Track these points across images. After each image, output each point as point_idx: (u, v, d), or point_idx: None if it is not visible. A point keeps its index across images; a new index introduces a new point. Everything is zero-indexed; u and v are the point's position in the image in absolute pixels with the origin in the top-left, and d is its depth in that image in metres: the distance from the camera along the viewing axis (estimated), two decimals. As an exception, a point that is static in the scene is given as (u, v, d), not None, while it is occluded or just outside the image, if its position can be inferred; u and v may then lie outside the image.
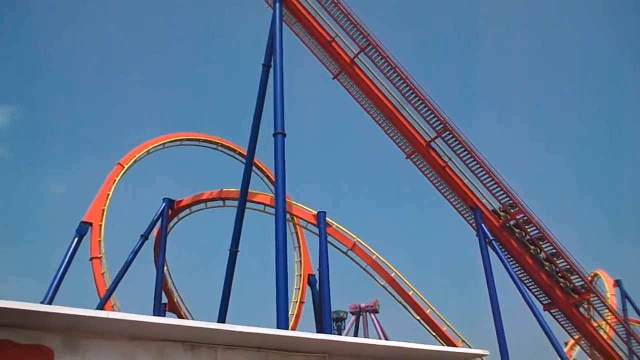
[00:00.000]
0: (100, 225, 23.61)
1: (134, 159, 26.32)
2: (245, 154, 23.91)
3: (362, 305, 60.74)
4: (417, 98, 22.66)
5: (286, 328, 14.49)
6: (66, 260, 21.46)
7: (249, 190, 23.36)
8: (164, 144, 27.86)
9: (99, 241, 23.30)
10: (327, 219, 22.56)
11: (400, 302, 22.63)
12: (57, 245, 22.01)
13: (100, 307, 21.96)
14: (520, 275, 23.41)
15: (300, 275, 29.05)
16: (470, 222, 23.91)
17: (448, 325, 22.41)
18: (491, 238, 22.47)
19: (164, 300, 26.82)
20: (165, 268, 26.86)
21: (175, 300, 28.57)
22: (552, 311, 23.99)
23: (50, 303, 19.72)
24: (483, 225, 22.81)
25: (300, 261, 29.36)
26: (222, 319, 22.40)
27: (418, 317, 22.45)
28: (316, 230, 22.44)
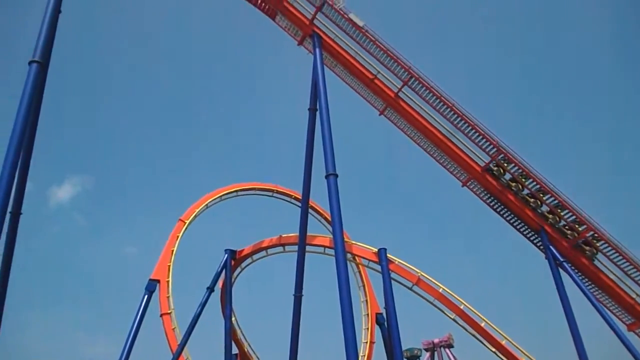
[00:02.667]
0: (168, 282, 24.25)
1: (194, 214, 27.16)
2: (301, 197, 24.13)
3: (436, 340, 58.89)
4: (466, 124, 22.42)
5: (357, 370, 14.22)
6: (138, 318, 22.05)
7: (308, 234, 23.45)
8: (221, 196, 28.68)
9: (168, 297, 23.89)
10: (388, 255, 22.34)
11: (472, 335, 21.83)
12: (132, 304, 22.67)
13: (174, 362, 22.33)
14: (597, 295, 22.20)
15: (368, 314, 28.67)
16: (538, 244, 23.04)
17: (526, 355, 21.40)
18: (561, 259, 21.51)
19: (235, 350, 27.01)
20: (233, 318, 27.17)
21: (246, 350, 28.69)
22: (637, 331, 22.52)
23: (125, 362, 20.25)
24: (551, 247, 21.91)
25: (367, 300, 29.02)
26: (292, 365, 22.28)
27: (494, 349, 21.55)
28: (379, 267, 22.21)
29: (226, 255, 26.06)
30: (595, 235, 22.22)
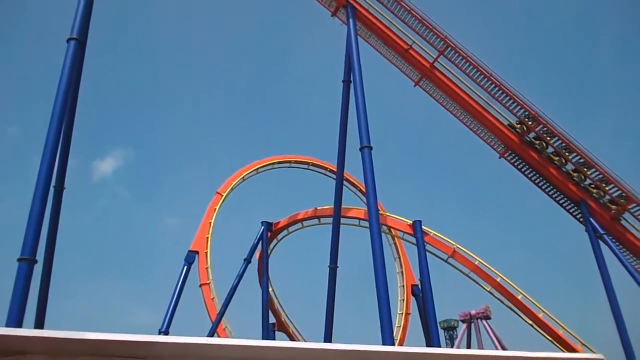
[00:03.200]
0: (206, 253, 24.79)
1: (230, 186, 27.52)
2: (335, 170, 24.14)
3: (473, 312, 58.68)
4: (504, 94, 21.93)
5: (391, 341, 14.37)
6: (178, 288, 22.73)
7: (343, 206, 23.54)
8: (257, 169, 28.94)
9: (206, 268, 24.47)
10: (423, 227, 22.26)
11: (509, 308, 21.70)
12: (175, 274, 23.37)
13: (213, 330, 22.99)
14: (638, 269, 21.68)
15: (403, 286, 28.74)
16: (578, 217, 22.57)
17: (564, 328, 21.17)
18: (602, 232, 21.02)
19: (272, 320, 27.62)
20: (270, 289, 27.69)
21: (283, 319, 29.28)
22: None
23: (167, 331, 20.97)
24: (591, 219, 21.42)
25: (402, 272, 29.06)
26: (328, 335, 22.64)
27: (530, 322, 21.39)
28: (414, 240, 22.18)
29: (262, 227, 26.44)
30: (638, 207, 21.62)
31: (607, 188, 21.95)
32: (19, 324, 10.85)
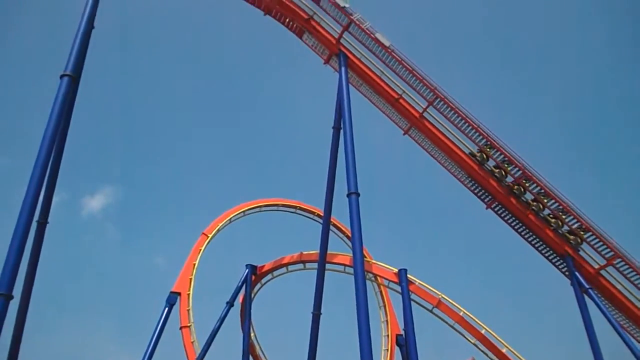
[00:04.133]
0: (189, 295, 24.41)
1: (217, 228, 27.37)
2: (323, 215, 24.11)
3: (458, 364, 57.84)
4: (493, 148, 22.28)
5: (373, 392, 14.05)
6: (158, 330, 22.24)
7: (329, 252, 23.38)
8: (244, 211, 28.88)
9: (188, 310, 24.03)
10: (409, 276, 22.14)
11: (493, 361, 21.44)
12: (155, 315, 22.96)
13: (191, 375, 22.39)
14: (623, 324, 21.62)
15: (388, 335, 28.33)
16: (564, 270, 22.58)
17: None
18: (587, 286, 21.00)
19: (253, 366, 26.99)
20: (252, 334, 27.17)
21: (264, 366, 28.62)
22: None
23: (144, 374, 20.40)
24: (577, 273, 21.43)
25: (387, 321, 28.71)
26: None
27: (516, 376, 21.10)
28: (399, 288, 22.01)
29: (247, 271, 26.11)
30: (625, 264, 21.70)
31: (585, 236, 22.12)
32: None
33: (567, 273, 22.13)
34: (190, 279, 24.88)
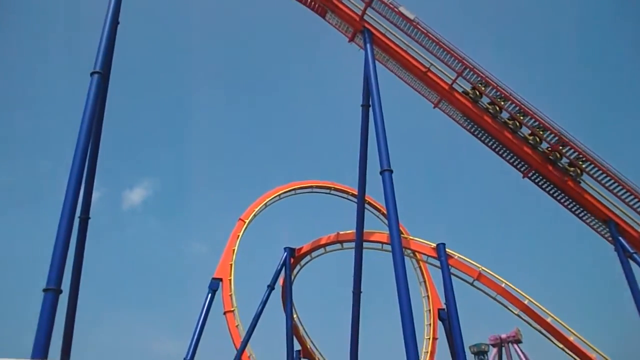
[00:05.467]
0: (230, 280, 24.89)
1: (253, 213, 27.71)
2: (357, 194, 24.06)
3: (503, 336, 57.29)
4: (525, 115, 21.73)
5: (418, 367, 14.11)
6: (202, 316, 22.79)
7: (366, 230, 23.40)
8: (279, 195, 29.09)
9: (230, 295, 24.53)
10: (447, 250, 22.00)
11: (538, 331, 21.18)
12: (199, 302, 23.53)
13: (238, 358, 22.90)
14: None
15: (430, 310, 28.33)
16: (607, 236, 22.02)
17: (597, 352, 20.55)
18: (631, 251, 20.47)
19: (297, 347, 27.37)
20: (294, 315, 27.51)
21: (308, 346, 29.00)
22: None
23: (192, 359, 20.94)
24: (620, 238, 20.88)
25: (428, 296, 28.67)
26: (354, 361, 22.34)
27: (561, 345, 20.82)
28: (438, 263, 21.90)
29: (285, 253, 26.41)
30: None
31: (634, 205, 21.50)
32: (44, 355, 10.93)
33: (610, 238, 21.59)
34: (231, 264, 25.34)
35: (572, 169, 21.72)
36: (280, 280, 26.69)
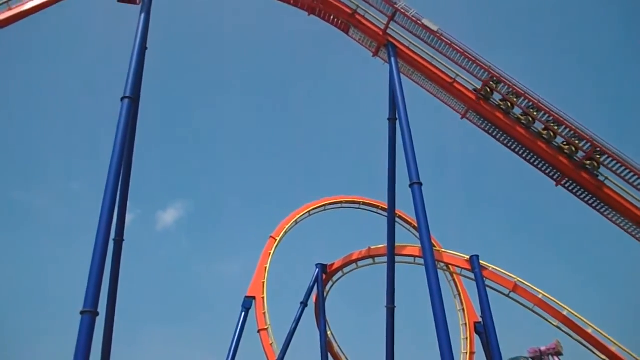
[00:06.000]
0: (263, 298, 24.90)
1: (284, 230, 27.78)
2: (387, 208, 23.92)
3: (542, 348, 55.75)
4: (561, 125, 21.21)
5: (455, 383, 13.87)
6: (237, 334, 22.88)
7: (397, 244, 23.24)
8: (309, 211, 29.13)
9: (264, 313, 24.53)
10: (481, 262, 21.67)
11: (579, 342, 20.61)
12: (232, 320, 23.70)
13: (273, 377, 22.82)
14: None
15: (466, 324, 27.90)
16: (646, 240, 21.36)
17: (642, 363, 19.87)
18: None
19: (332, 364, 27.20)
20: (328, 332, 27.36)
21: (343, 363, 28.77)
22: None
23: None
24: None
25: (463, 309, 28.26)
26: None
27: (604, 357, 20.19)
28: (472, 275, 21.58)
29: (317, 270, 26.39)
30: None
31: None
32: (83, 377, 11.10)
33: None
34: (263, 282, 25.37)
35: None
36: (313, 297, 26.63)
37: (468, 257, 22.16)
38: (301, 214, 28.79)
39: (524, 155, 22.36)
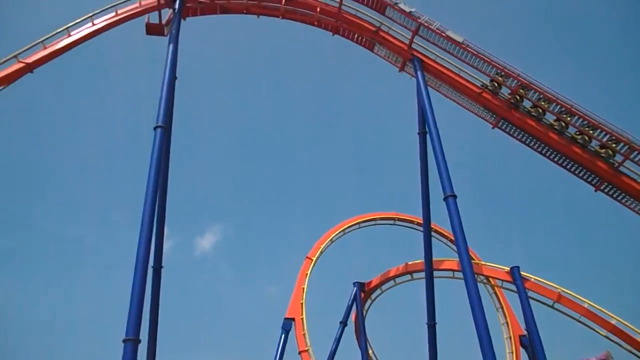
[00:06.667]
0: (302, 319, 24.80)
1: (319, 250, 27.75)
2: (422, 222, 23.66)
3: (593, 359, 54.02)
4: (596, 129, 20.64)
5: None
6: (277, 356, 22.86)
7: (434, 258, 22.92)
8: (344, 230, 29.07)
9: (304, 334, 24.40)
10: (522, 273, 21.19)
11: (630, 352, 19.85)
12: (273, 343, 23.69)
13: (316, 398, 22.64)
14: None
15: (510, 337, 27.12)
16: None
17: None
18: None
19: (375, 383, 26.83)
20: (370, 351, 27.04)
21: (386, 382, 28.37)
22: None
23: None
24: None
25: (507, 322, 27.52)
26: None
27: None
28: (514, 287, 21.11)
29: (355, 288, 26.24)
30: None
31: None
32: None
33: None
34: (302, 303, 25.30)
35: None
36: (352, 316, 26.43)
37: (508, 268, 21.72)
38: (336, 232, 28.74)
39: (559, 162, 21.87)
